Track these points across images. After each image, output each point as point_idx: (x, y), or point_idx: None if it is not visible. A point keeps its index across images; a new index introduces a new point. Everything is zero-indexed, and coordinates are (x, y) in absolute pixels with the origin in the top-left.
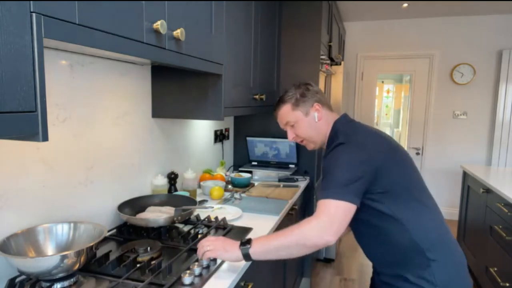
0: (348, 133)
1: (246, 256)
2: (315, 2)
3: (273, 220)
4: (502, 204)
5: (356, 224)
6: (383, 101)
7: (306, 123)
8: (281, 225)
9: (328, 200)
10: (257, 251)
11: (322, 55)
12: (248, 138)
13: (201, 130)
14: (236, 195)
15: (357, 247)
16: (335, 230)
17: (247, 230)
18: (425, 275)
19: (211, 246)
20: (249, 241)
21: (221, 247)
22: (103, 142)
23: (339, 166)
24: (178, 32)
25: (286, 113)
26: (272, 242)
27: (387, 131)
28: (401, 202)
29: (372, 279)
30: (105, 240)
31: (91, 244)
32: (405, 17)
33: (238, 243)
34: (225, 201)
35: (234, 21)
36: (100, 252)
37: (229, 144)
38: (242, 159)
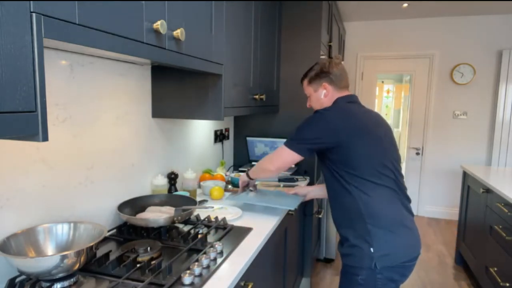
0: (332, 107)
1: (249, 178)
2: (315, 2)
3: (273, 221)
4: (502, 204)
5: (327, 186)
6: (383, 101)
7: (314, 98)
8: (281, 225)
9: (283, 146)
10: (251, 175)
11: (322, 55)
12: (248, 138)
13: (201, 130)
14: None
15: None
16: (276, 166)
17: (247, 230)
18: (365, 237)
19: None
20: (248, 170)
21: (241, 179)
22: (103, 142)
23: (304, 127)
24: (178, 32)
25: (305, 87)
26: (255, 169)
27: None
28: (357, 175)
29: None
30: (105, 240)
31: (91, 244)
32: (405, 17)
33: (245, 174)
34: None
35: (234, 21)
36: (100, 252)
37: (229, 144)
38: (242, 159)
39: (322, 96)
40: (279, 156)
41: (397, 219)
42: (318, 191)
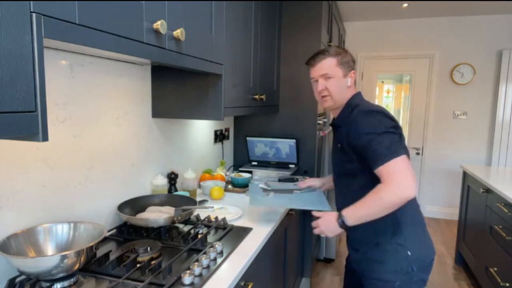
0: (371, 106)
1: (345, 228)
2: (315, 2)
3: (273, 221)
4: (502, 204)
5: (340, 179)
6: (383, 101)
7: (340, 83)
8: (281, 225)
9: (388, 163)
10: (351, 223)
11: None
12: (248, 138)
13: (201, 130)
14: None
15: None
16: (410, 184)
17: (247, 230)
18: (398, 240)
19: (320, 228)
20: (341, 216)
21: (327, 229)
22: (103, 142)
23: (379, 133)
24: (178, 32)
25: (329, 66)
26: (361, 213)
27: None
28: None
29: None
30: (105, 240)
31: (91, 244)
32: (405, 17)
33: (336, 222)
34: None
35: (234, 21)
36: (100, 252)
37: (229, 144)
38: (242, 159)
39: (348, 83)
40: (400, 172)
41: (421, 218)
42: (330, 183)
